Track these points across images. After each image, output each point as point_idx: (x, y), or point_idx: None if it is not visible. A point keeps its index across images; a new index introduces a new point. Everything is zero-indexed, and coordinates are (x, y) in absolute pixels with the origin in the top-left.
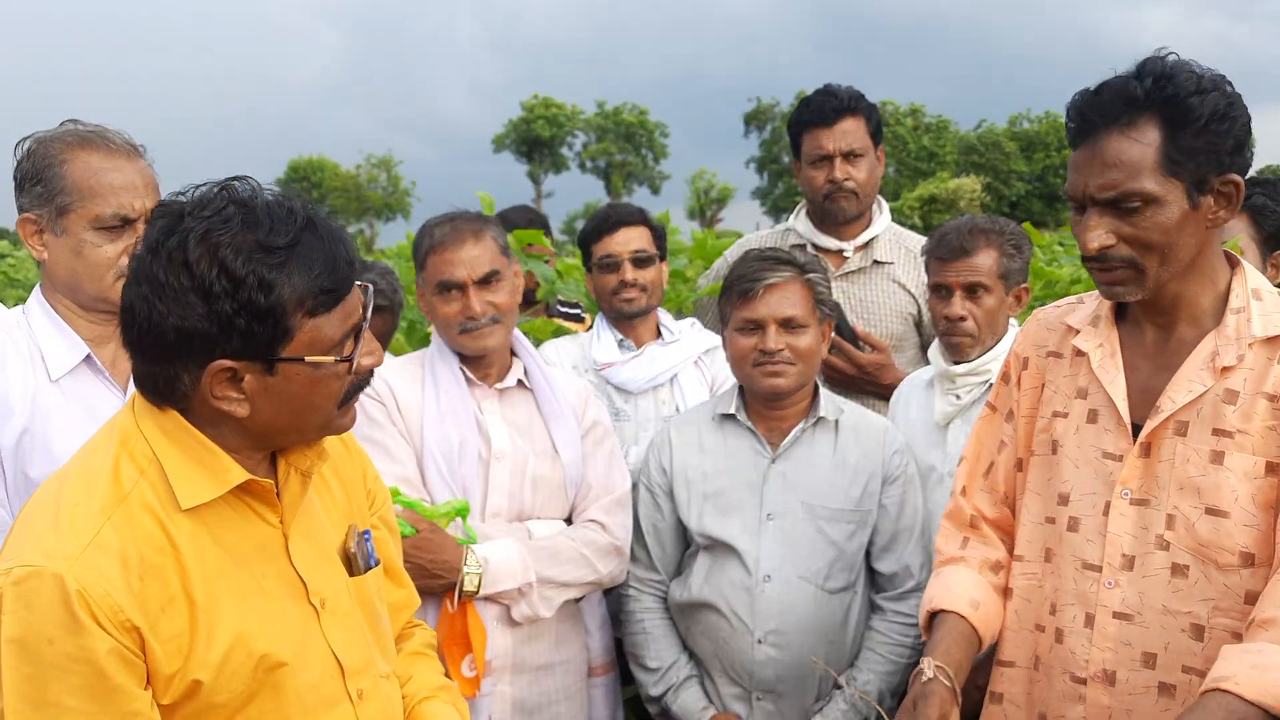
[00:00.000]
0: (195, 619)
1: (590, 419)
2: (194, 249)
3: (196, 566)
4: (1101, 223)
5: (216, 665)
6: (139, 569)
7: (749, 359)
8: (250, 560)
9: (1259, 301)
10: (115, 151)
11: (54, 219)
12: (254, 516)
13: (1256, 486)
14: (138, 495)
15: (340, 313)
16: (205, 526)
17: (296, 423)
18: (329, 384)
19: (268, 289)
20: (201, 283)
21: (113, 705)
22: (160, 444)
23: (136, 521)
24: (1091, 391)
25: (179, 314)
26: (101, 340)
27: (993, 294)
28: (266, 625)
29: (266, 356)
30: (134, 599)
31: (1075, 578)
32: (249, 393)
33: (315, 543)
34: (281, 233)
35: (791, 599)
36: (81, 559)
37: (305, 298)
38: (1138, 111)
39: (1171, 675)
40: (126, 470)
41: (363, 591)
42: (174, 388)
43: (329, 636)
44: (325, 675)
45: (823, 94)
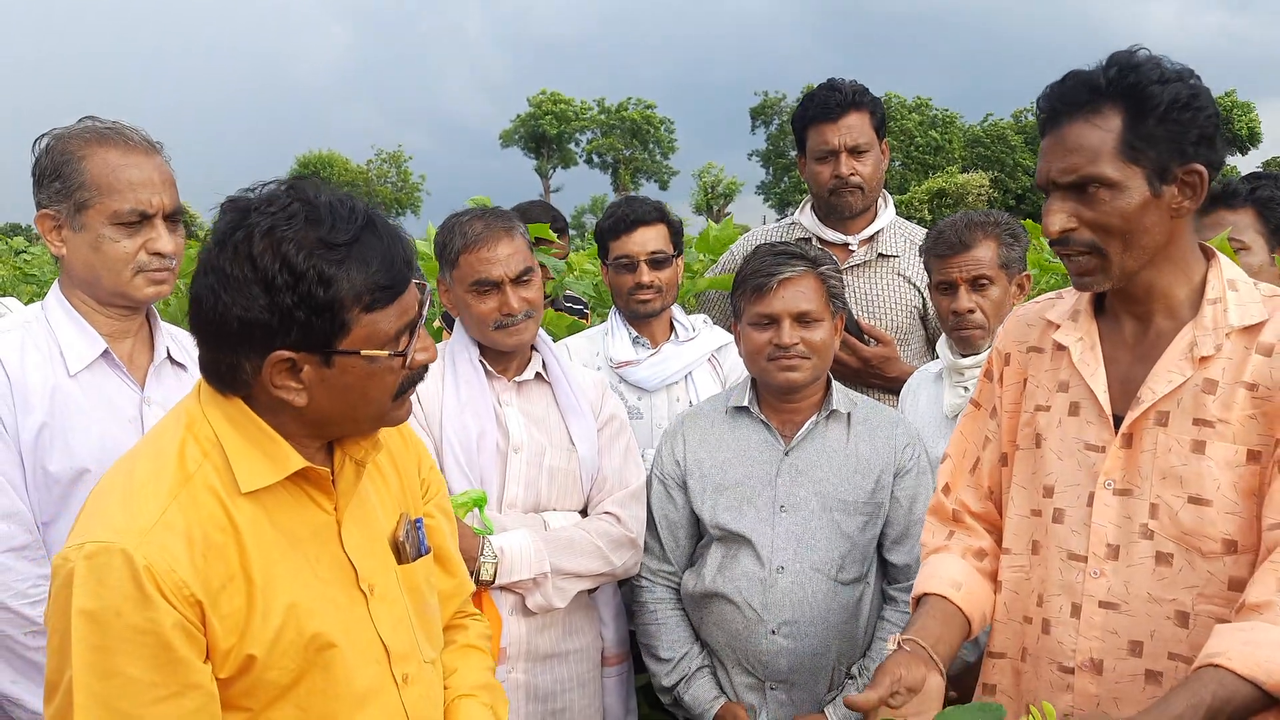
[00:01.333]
0: (252, 596)
1: (607, 412)
2: (258, 243)
3: (255, 547)
4: (1063, 207)
5: (270, 641)
6: (202, 547)
7: (764, 353)
8: (305, 544)
9: (1235, 292)
10: (133, 148)
11: (72, 215)
12: (309, 502)
13: (1238, 474)
14: (201, 477)
15: (396, 309)
16: (264, 509)
17: (352, 413)
18: (384, 377)
19: (327, 284)
20: (264, 275)
21: (175, 676)
22: (223, 429)
23: (200, 502)
24: (1073, 384)
25: (242, 305)
26: (119, 335)
27: (996, 284)
28: (318, 606)
29: (324, 349)
30: (197, 575)
31: (1061, 568)
32: (307, 383)
33: (367, 530)
34: (342, 230)
35: (804, 590)
36: (149, 536)
37: (363, 293)
38: (1101, 99)
39: (1158, 663)
40: (191, 452)
41: (411, 579)
42: (237, 375)
43: (376, 622)
44: (372, 659)
45: (827, 89)
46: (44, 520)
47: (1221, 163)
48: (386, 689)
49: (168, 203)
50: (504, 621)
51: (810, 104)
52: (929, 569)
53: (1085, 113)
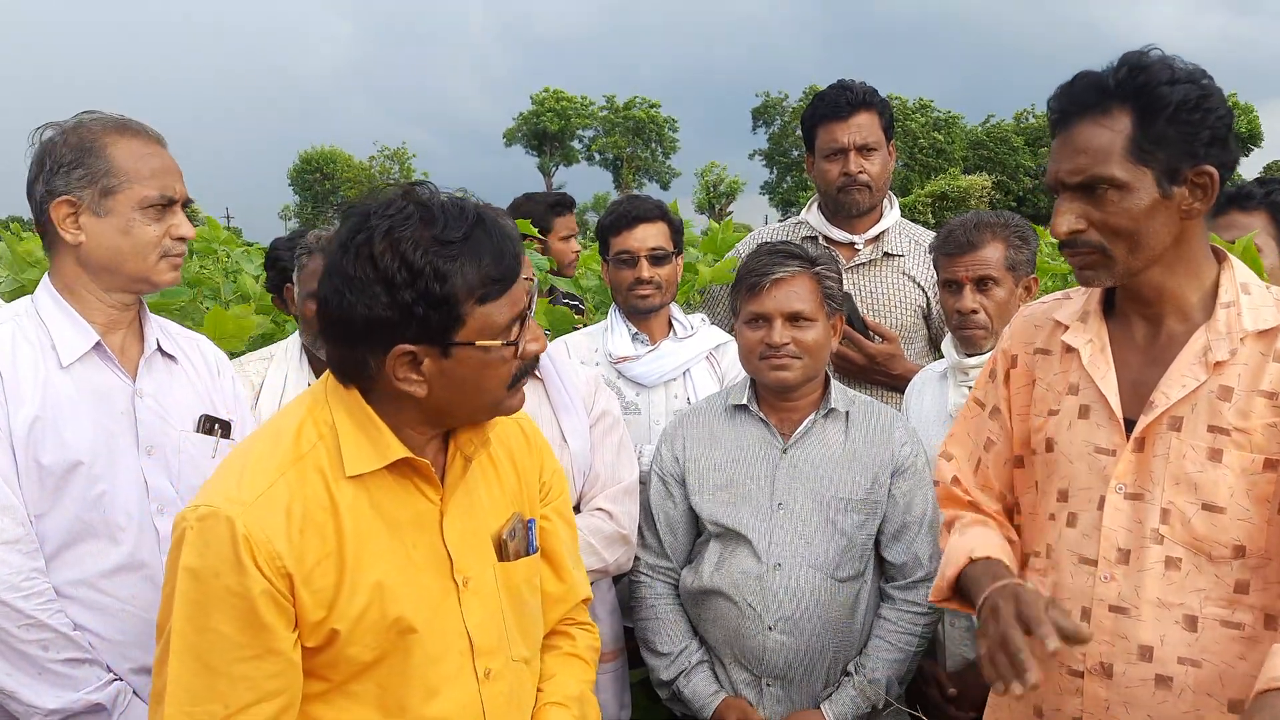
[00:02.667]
0: (343, 575)
1: (599, 408)
2: (379, 244)
3: (352, 528)
4: (1072, 207)
5: (354, 619)
6: (301, 523)
7: (756, 352)
8: (404, 530)
9: (1248, 295)
10: (150, 138)
11: (97, 200)
12: (415, 491)
13: (1251, 481)
14: (313, 458)
15: (507, 300)
16: (367, 493)
17: (470, 402)
18: (498, 367)
19: (442, 279)
20: (385, 274)
21: (259, 639)
22: (340, 415)
23: (308, 481)
24: (1083, 387)
25: (366, 303)
26: (112, 327)
27: (1002, 286)
28: (405, 591)
29: (442, 342)
30: (292, 549)
31: (1072, 572)
32: (427, 375)
33: (471, 524)
34: (455, 228)
35: (802, 587)
36: (253, 507)
37: (476, 287)
38: (1110, 100)
39: (1168, 667)
40: (308, 434)
41: (510, 577)
42: (363, 370)
43: (466, 614)
44: (454, 650)
45: (837, 88)
46: (36, 513)
47: (1234, 163)
48: (465, 681)
49: (184, 190)
50: None
51: (820, 103)
52: (973, 537)
53: (1094, 113)
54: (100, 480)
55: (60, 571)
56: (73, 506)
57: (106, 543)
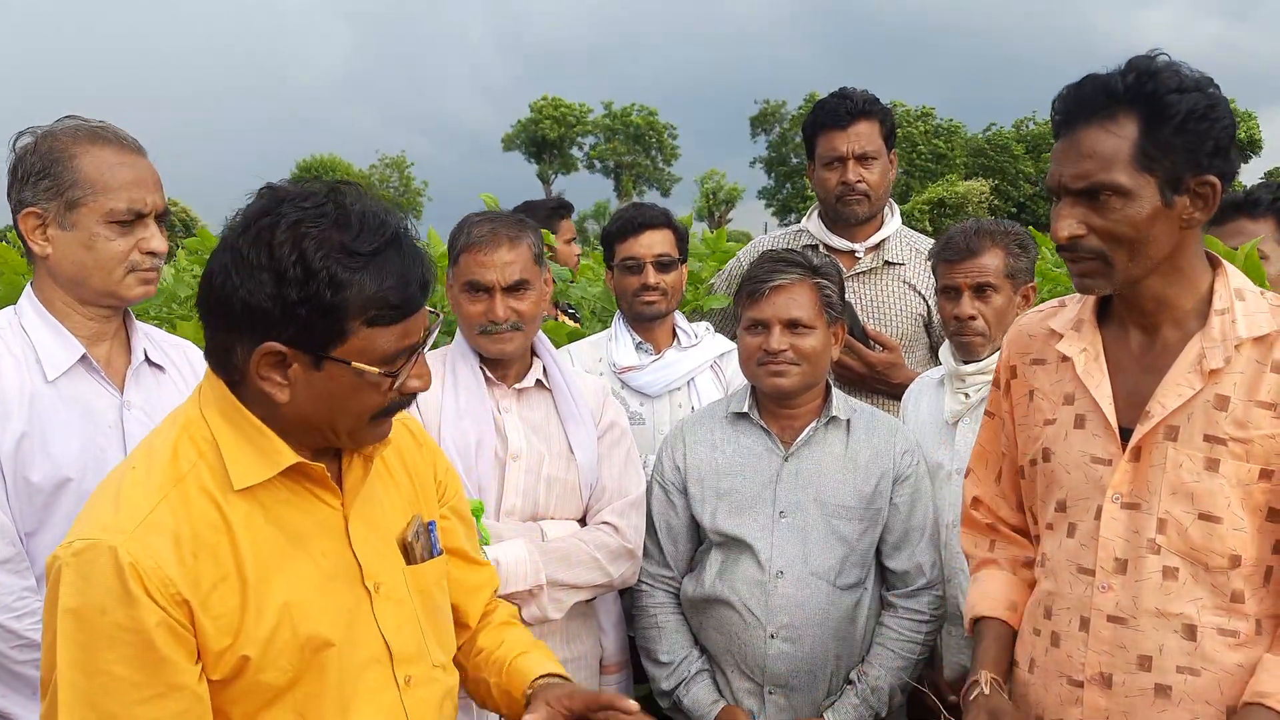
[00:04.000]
0: (246, 596)
1: (607, 420)
2: (281, 233)
3: (249, 545)
4: (1073, 212)
5: (264, 641)
6: (191, 546)
7: (754, 358)
8: (309, 540)
9: (1242, 302)
10: (125, 147)
11: (62, 213)
12: (313, 499)
13: (1247, 491)
14: (194, 477)
15: (399, 330)
16: (261, 507)
17: (329, 422)
18: (369, 394)
19: (336, 288)
20: (278, 265)
21: (159, 676)
22: (219, 427)
23: (192, 501)
24: (1078, 396)
25: (249, 288)
26: (97, 338)
27: (1000, 293)
28: (315, 604)
29: (317, 351)
30: (185, 574)
31: (1071, 582)
32: (291, 380)
33: (375, 528)
34: (367, 240)
35: (804, 594)
36: (135, 534)
37: (369, 307)
38: (1117, 105)
39: (1167, 677)
40: (186, 452)
41: (420, 580)
42: (228, 359)
43: (380, 621)
44: (372, 659)
45: (838, 96)
46: (27, 531)
47: (1235, 173)
48: (387, 690)
49: (159, 203)
50: None
51: (821, 111)
52: (982, 586)
53: (1101, 118)
54: None
55: None
56: (63, 524)
57: None
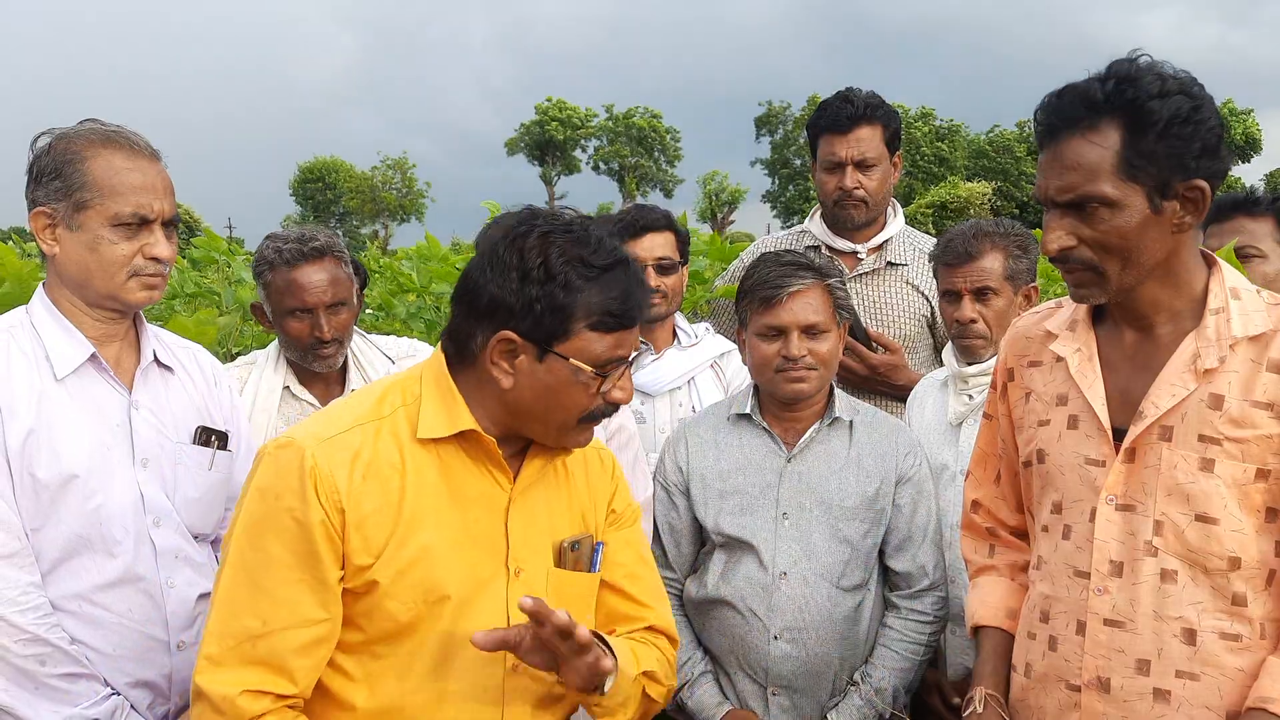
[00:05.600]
0: (396, 528)
1: (615, 423)
2: (532, 239)
3: (415, 487)
4: (1062, 224)
5: (396, 572)
6: (365, 471)
7: (771, 365)
8: (470, 505)
9: (1237, 301)
10: (137, 152)
11: (70, 214)
12: (487, 474)
13: (1244, 492)
14: (391, 420)
15: (615, 339)
16: (439, 463)
17: (543, 413)
18: (579, 392)
19: (569, 290)
20: (525, 265)
21: (308, 566)
22: (428, 386)
23: (381, 438)
24: (1071, 397)
25: (498, 283)
26: (106, 339)
27: (1001, 295)
28: (451, 558)
29: (544, 344)
30: (352, 490)
31: (1068, 585)
32: (517, 369)
33: (535, 521)
34: (602, 257)
35: (807, 596)
36: (325, 444)
37: (594, 312)
38: (1098, 114)
39: (1165, 681)
40: (391, 399)
41: (563, 587)
42: (469, 344)
43: (511, 603)
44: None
45: (840, 99)
46: (33, 527)
47: (1225, 172)
48: (492, 667)
49: (167, 209)
50: None
51: (823, 113)
52: (981, 594)
53: (1083, 129)
54: (96, 494)
55: (57, 585)
56: (69, 520)
57: (103, 556)
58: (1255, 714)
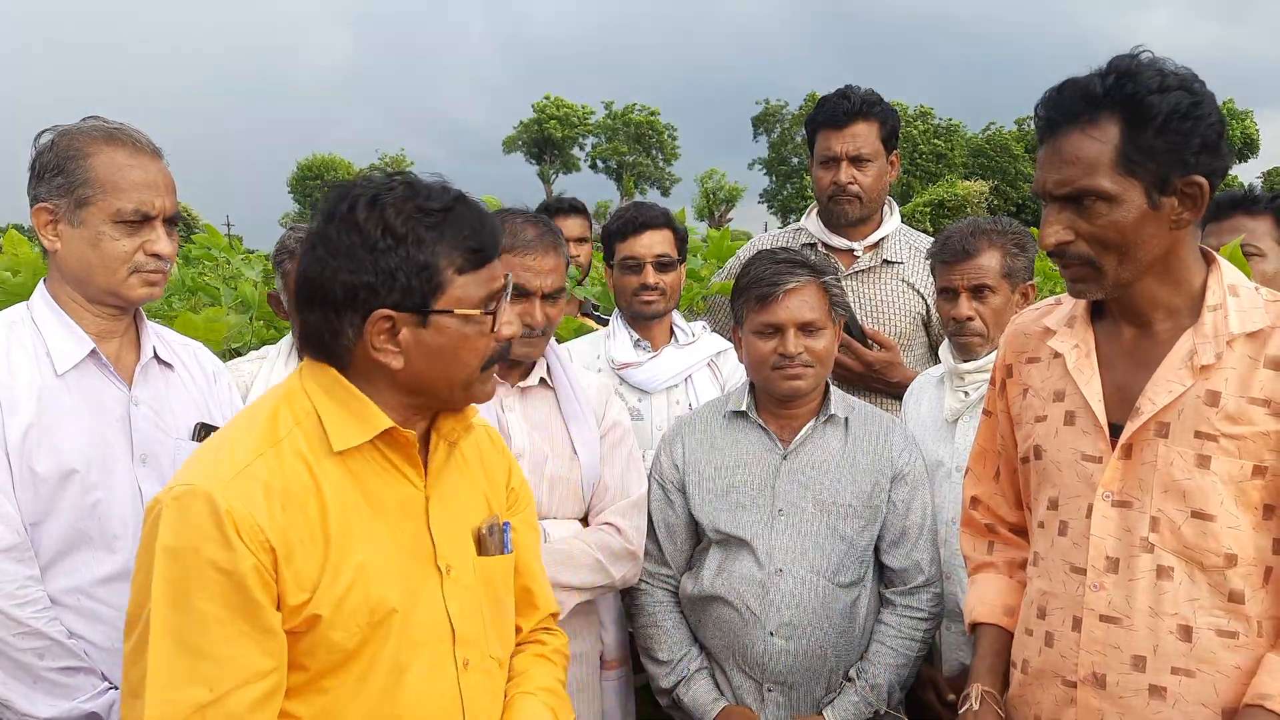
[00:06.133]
0: (327, 554)
1: (610, 419)
2: (362, 211)
3: (336, 507)
4: (1060, 219)
5: (337, 600)
6: (282, 500)
7: (768, 362)
8: (390, 513)
9: (1235, 298)
10: (140, 149)
11: (72, 210)
12: (399, 476)
13: (1240, 489)
14: (290, 442)
15: (485, 274)
16: (350, 474)
17: (445, 377)
18: (474, 341)
19: (422, 245)
20: (368, 239)
21: (247, 617)
22: (319, 398)
23: (286, 462)
24: (1068, 393)
25: (349, 268)
26: (106, 335)
27: (998, 293)
28: (387, 571)
29: (421, 308)
30: (274, 525)
31: (1064, 581)
32: (404, 345)
33: (453, 515)
34: (437, 200)
35: (803, 592)
36: (232, 483)
37: (455, 255)
38: (1098, 109)
39: (1161, 677)
40: (284, 419)
41: (488, 573)
42: (339, 340)
43: (448, 601)
44: (435, 636)
45: (838, 96)
46: (31, 521)
47: (1225, 170)
48: (445, 668)
49: (169, 206)
50: None
51: (822, 108)
52: (979, 591)
53: (1082, 123)
54: (95, 489)
55: (55, 580)
56: (68, 515)
57: (102, 551)
58: (1253, 711)
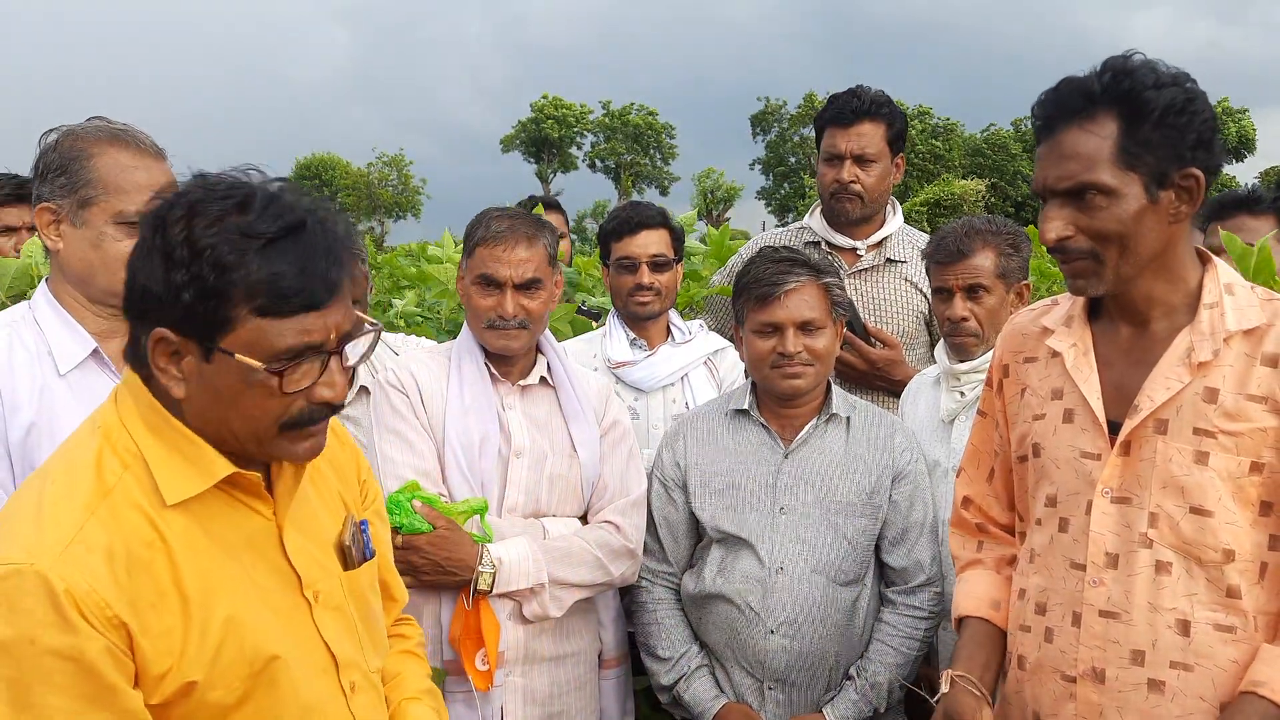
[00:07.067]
0: (188, 614)
1: (610, 418)
2: (176, 212)
3: (188, 560)
4: (1060, 214)
5: (209, 661)
6: (126, 564)
7: (767, 361)
8: (241, 553)
9: (1231, 296)
10: (144, 151)
11: (74, 210)
12: (244, 509)
13: (1238, 485)
14: (122, 490)
15: (295, 325)
16: (195, 519)
17: (228, 423)
18: (260, 395)
19: (220, 270)
20: (168, 246)
21: (101, 703)
22: (143, 437)
23: (122, 517)
24: (1066, 391)
25: (145, 272)
26: (108, 334)
27: (993, 293)
28: (258, 618)
29: (204, 340)
30: (121, 595)
31: (1063, 577)
32: (185, 374)
33: (310, 535)
34: (266, 223)
35: (804, 590)
36: (65, 555)
37: (257, 294)
38: (1095, 106)
39: (1160, 672)
40: (109, 464)
41: (356, 585)
42: (135, 349)
43: (322, 630)
44: (318, 669)
45: (848, 94)
46: None
47: (1219, 166)
48: (334, 699)
49: None
50: (501, 626)
51: (830, 106)
52: (966, 586)
53: (1081, 119)
54: None
55: None
56: None
57: None
58: (1246, 698)
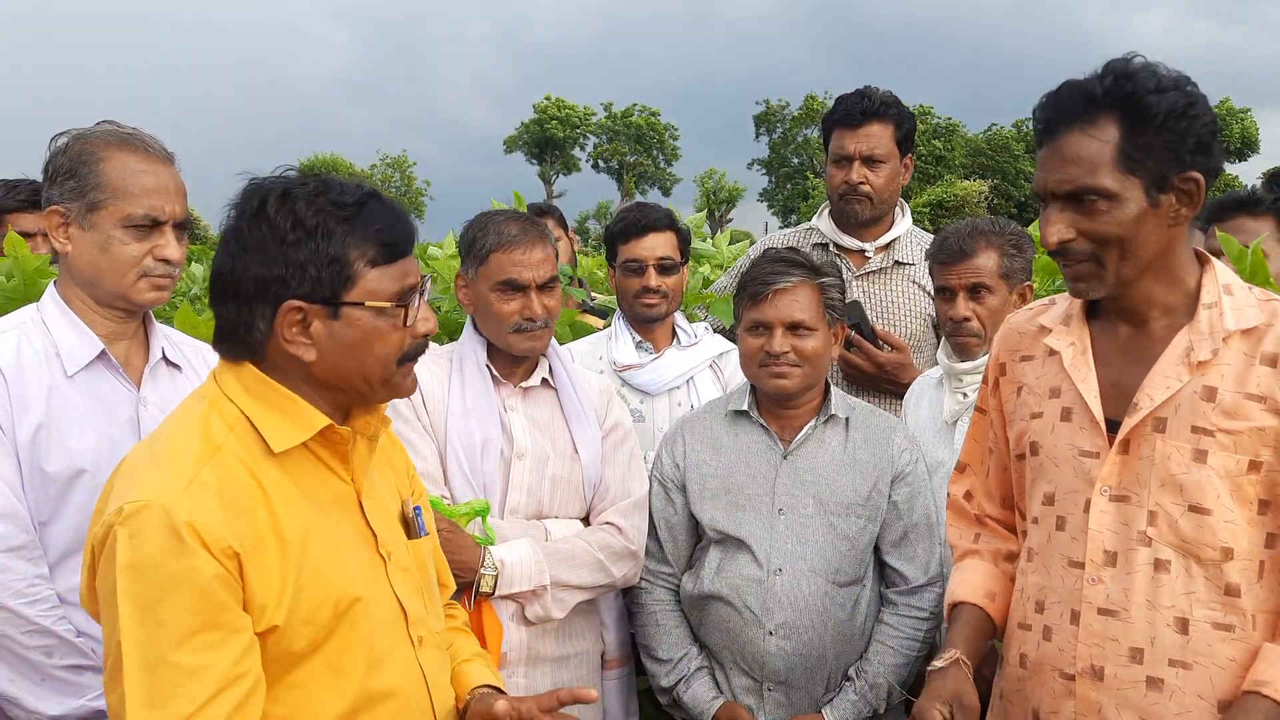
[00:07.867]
0: (286, 555)
1: (612, 419)
2: (272, 204)
3: (285, 509)
4: (1061, 217)
5: (300, 600)
6: (234, 507)
7: (755, 359)
8: (330, 509)
9: (1230, 296)
10: (152, 155)
11: (83, 214)
12: (329, 472)
13: (1236, 483)
14: (229, 447)
15: (398, 269)
16: (290, 476)
17: (360, 371)
18: (387, 335)
19: (332, 237)
20: (278, 232)
21: (217, 621)
22: (245, 401)
23: (229, 468)
24: (1064, 390)
25: (258, 261)
26: (116, 337)
27: (996, 294)
28: (346, 564)
29: (331, 301)
30: (232, 530)
31: (1062, 575)
32: (315, 338)
33: (379, 505)
34: (350, 195)
35: (802, 591)
36: (186, 493)
37: (367, 248)
38: (1097, 109)
39: (1159, 669)
40: (216, 426)
41: (419, 554)
42: (251, 335)
43: (395, 585)
44: (391, 620)
45: (856, 95)
46: (41, 520)
47: (1219, 169)
48: (404, 648)
49: (179, 212)
50: (504, 627)
51: (839, 107)
52: (962, 574)
53: (1082, 123)
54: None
55: (64, 578)
56: (76, 514)
57: None
58: (1250, 698)
